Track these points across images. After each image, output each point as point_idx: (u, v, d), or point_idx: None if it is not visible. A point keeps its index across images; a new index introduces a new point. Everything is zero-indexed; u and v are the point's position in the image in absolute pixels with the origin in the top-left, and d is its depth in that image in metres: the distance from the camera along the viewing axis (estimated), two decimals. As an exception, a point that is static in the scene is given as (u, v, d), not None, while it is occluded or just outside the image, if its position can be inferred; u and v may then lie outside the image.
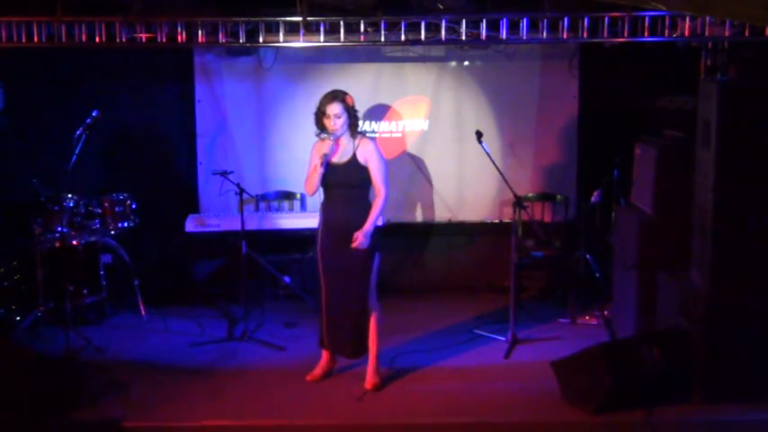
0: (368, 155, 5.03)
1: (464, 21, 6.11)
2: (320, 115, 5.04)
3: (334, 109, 4.98)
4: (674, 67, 6.63)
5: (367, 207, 5.04)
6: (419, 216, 7.20)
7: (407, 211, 7.14)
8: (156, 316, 6.48)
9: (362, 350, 5.16)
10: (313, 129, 5.05)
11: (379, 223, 5.15)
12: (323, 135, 5.07)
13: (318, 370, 5.28)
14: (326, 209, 5.11)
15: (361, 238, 4.93)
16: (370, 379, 5.13)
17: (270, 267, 6.60)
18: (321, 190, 5.10)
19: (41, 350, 5.47)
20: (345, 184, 5.02)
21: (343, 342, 5.16)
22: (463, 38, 6.18)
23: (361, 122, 5.21)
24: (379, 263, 5.10)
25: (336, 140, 5.00)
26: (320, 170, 4.96)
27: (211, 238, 6.60)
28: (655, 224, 5.53)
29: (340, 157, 5.04)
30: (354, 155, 5.03)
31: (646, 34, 6.08)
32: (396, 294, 5.45)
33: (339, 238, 4.99)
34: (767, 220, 4.76)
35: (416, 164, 7.10)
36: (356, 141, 5.06)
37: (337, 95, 5.01)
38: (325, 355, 5.31)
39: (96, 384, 5.07)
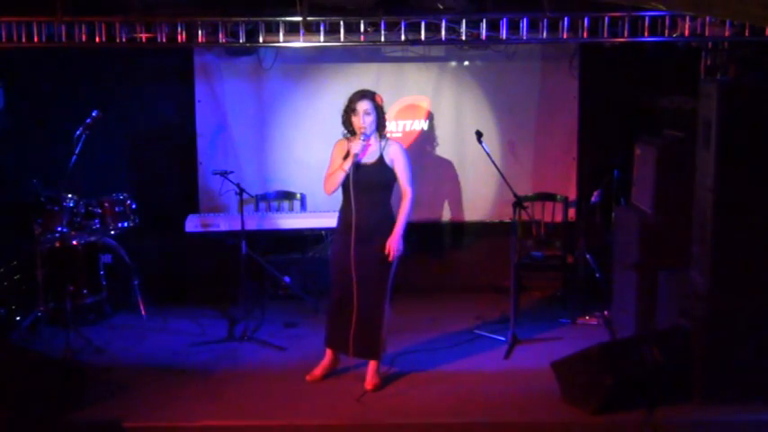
0: (394, 156, 5.03)
1: (464, 21, 6.11)
2: (349, 112, 5.01)
3: (364, 105, 4.95)
4: (674, 67, 6.63)
5: (389, 209, 5.05)
6: (419, 216, 7.17)
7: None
8: (156, 316, 6.47)
9: (380, 351, 5.15)
10: (314, 129, 5.06)
11: None
12: (348, 134, 5.04)
13: (319, 370, 5.28)
14: (348, 210, 5.00)
15: (395, 248, 4.95)
16: (370, 379, 5.12)
17: (270, 267, 6.60)
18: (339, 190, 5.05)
19: (41, 350, 5.47)
20: (371, 184, 4.99)
21: (366, 344, 5.08)
22: (463, 38, 6.18)
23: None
24: (397, 265, 5.08)
25: (367, 140, 4.97)
26: (347, 170, 4.93)
27: (211, 238, 6.60)
28: (655, 224, 5.52)
29: (367, 158, 5.00)
30: (381, 156, 5.02)
31: (646, 34, 6.08)
32: (395, 294, 5.45)
33: (363, 240, 4.96)
34: (767, 220, 4.76)
35: (416, 164, 7.07)
36: (383, 142, 5.05)
37: (367, 93, 4.99)
38: (328, 355, 5.29)
39: (96, 384, 5.06)
